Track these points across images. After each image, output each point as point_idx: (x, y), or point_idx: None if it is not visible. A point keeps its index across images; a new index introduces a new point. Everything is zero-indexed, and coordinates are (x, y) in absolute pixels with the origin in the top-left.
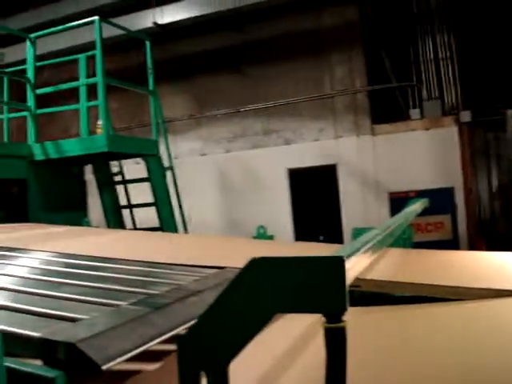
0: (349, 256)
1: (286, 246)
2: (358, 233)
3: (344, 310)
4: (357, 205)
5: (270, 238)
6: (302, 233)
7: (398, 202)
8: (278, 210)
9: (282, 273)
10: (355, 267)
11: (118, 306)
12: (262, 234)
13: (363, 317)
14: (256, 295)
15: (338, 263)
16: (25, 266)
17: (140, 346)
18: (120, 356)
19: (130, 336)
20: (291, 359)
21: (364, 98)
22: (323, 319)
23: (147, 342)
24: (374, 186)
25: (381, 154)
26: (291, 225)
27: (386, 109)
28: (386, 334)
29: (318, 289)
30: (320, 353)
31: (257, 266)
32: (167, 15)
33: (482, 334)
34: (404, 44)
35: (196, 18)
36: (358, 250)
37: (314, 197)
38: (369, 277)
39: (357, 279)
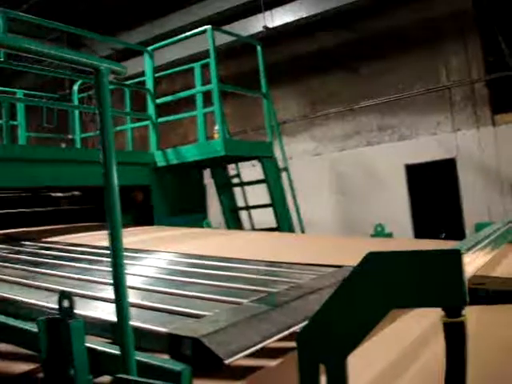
0: (467, 250)
1: (405, 243)
2: (480, 228)
3: (463, 303)
4: (479, 199)
5: (389, 235)
6: (422, 230)
7: None
8: (396, 208)
9: (397, 267)
10: (476, 262)
11: (239, 303)
12: (380, 232)
13: (487, 315)
14: (372, 290)
15: (455, 256)
16: (152, 266)
17: (261, 342)
18: (242, 351)
19: (250, 332)
20: (413, 355)
21: (483, 88)
22: (443, 314)
23: (267, 339)
24: (497, 179)
25: (503, 145)
26: (410, 222)
27: (508, 97)
28: (510, 333)
29: (436, 283)
30: (442, 350)
31: (372, 260)
32: (276, 18)
33: None
34: None
35: (304, 18)
36: (477, 244)
37: (434, 192)
38: (493, 274)
39: (481, 277)
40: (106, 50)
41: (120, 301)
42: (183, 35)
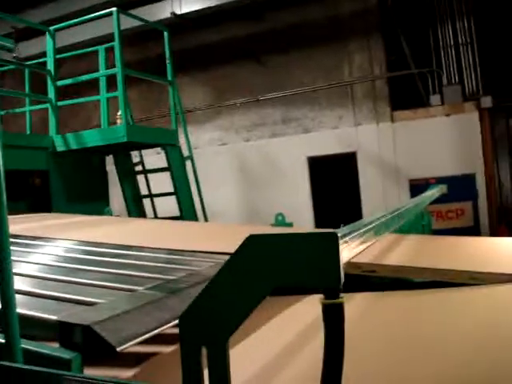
0: (348, 233)
1: (302, 231)
2: None
3: (339, 284)
4: (377, 192)
5: (289, 225)
6: (323, 221)
7: (418, 189)
8: (298, 199)
9: (277, 249)
10: (358, 247)
11: (134, 290)
12: (281, 221)
13: (378, 301)
14: (252, 271)
15: (331, 238)
16: (47, 253)
17: (154, 329)
18: (134, 338)
19: (144, 319)
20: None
21: (383, 85)
22: (321, 296)
23: (162, 325)
24: (394, 174)
25: (401, 141)
26: (311, 213)
27: (406, 95)
28: (398, 319)
29: (313, 264)
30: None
31: (253, 242)
32: (185, 5)
33: (497, 318)
34: (423, 30)
35: (214, 7)
36: (357, 229)
37: (334, 185)
38: (385, 262)
39: (372, 264)
40: (6, 28)
41: (4, 286)
42: (88, 16)
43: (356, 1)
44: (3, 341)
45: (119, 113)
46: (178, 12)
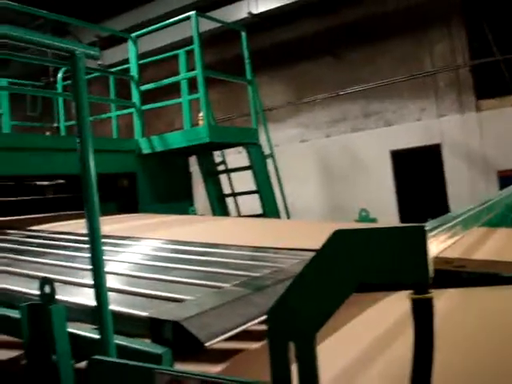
0: (436, 227)
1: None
2: None
3: (428, 279)
4: (463, 185)
5: (373, 221)
6: (408, 216)
7: (507, 180)
8: (382, 194)
9: (364, 243)
10: (445, 241)
11: (221, 287)
12: (365, 217)
13: (469, 297)
14: (339, 266)
15: (419, 232)
16: (136, 252)
17: (241, 325)
18: (222, 334)
19: (231, 315)
20: (390, 340)
21: (467, 74)
22: (411, 291)
23: (248, 322)
24: (482, 165)
25: (488, 131)
26: (396, 208)
27: (492, 83)
28: (488, 315)
29: (401, 259)
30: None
31: (339, 237)
32: (261, 4)
33: None
34: (507, 14)
35: (289, 5)
36: (447, 222)
37: (419, 178)
38: (474, 257)
39: (461, 259)
40: (90, 37)
41: (99, 285)
42: (168, 21)
43: None
44: (98, 337)
45: (201, 114)
46: (255, 11)
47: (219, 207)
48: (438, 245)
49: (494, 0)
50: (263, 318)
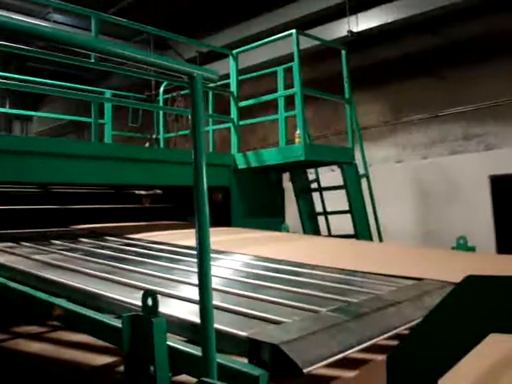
0: None
1: (490, 259)
2: None
3: None
4: None
5: (472, 249)
6: (507, 245)
7: None
8: (479, 220)
9: (498, 291)
10: None
11: (317, 311)
12: (463, 245)
13: None
14: (470, 313)
15: None
16: (229, 267)
17: (339, 353)
18: (320, 361)
19: (330, 342)
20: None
21: None
22: None
23: (347, 350)
24: None
25: None
26: (493, 236)
27: None
28: None
29: None
30: None
31: (473, 283)
32: (362, 23)
33: None
34: None
35: (389, 23)
36: None
37: None
38: None
39: None
40: (191, 52)
41: (204, 302)
42: (268, 39)
43: None
44: (198, 353)
45: (298, 131)
46: (355, 30)
47: (310, 225)
48: None
49: None
50: (361, 346)
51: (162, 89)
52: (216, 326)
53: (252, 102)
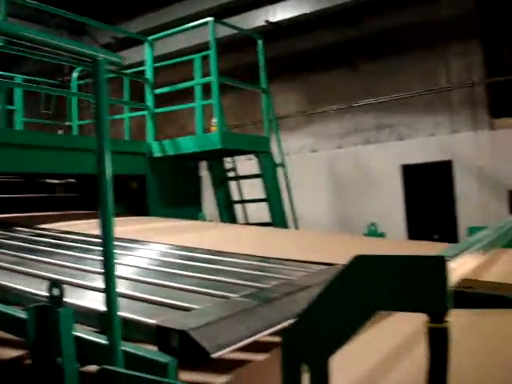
0: (455, 256)
1: (396, 244)
2: (473, 232)
3: (445, 310)
4: (473, 203)
5: (382, 235)
6: (416, 231)
7: None
8: (391, 207)
9: (384, 270)
10: (464, 267)
11: (229, 297)
12: (373, 232)
13: (475, 319)
14: (358, 292)
15: (440, 263)
16: (143, 256)
17: (248, 337)
18: (229, 345)
19: (239, 327)
20: (396, 359)
21: (482, 91)
22: (427, 319)
23: (255, 334)
24: (493, 183)
25: (500, 150)
26: (404, 222)
27: (507, 102)
28: (496, 337)
29: (419, 288)
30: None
31: (360, 263)
32: (279, 13)
33: None
34: None
35: (308, 14)
36: (465, 249)
37: (429, 194)
38: (483, 278)
39: (469, 280)
40: (106, 38)
41: (109, 291)
42: (184, 26)
43: (454, 5)
44: (105, 342)
45: (214, 120)
46: (273, 20)
47: (227, 214)
48: (458, 272)
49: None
50: (270, 330)
51: (75, 74)
52: (126, 314)
53: (168, 89)
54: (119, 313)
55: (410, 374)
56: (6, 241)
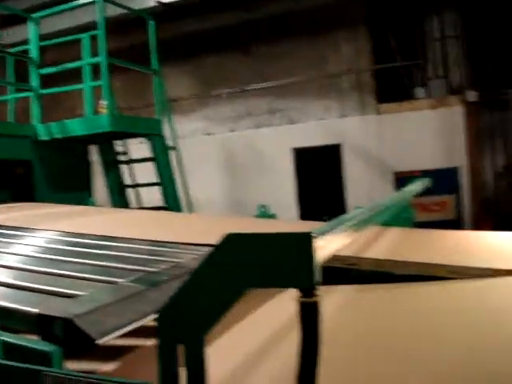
0: (324, 233)
1: (285, 224)
2: None
3: (314, 285)
4: (361, 184)
5: (273, 216)
6: (307, 212)
7: (402, 181)
8: (283, 190)
9: (254, 249)
10: (337, 244)
11: (115, 283)
12: (264, 213)
13: (357, 295)
14: (229, 270)
15: (306, 239)
16: (29, 244)
17: (135, 322)
18: (115, 331)
19: (125, 312)
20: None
21: (369, 77)
22: (298, 294)
23: (142, 318)
24: (379, 166)
25: (386, 134)
26: (296, 204)
27: (392, 88)
28: (375, 313)
29: (289, 264)
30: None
31: (231, 241)
32: None
33: (472, 312)
34: (410, 22)
35: None
36: (336, 227)
37: (319, 176)
38: (366, 255)
39: (353, 257)
40: None
41: None
42: (72, 4)
43: None
44: None
45: (103, 102)
46: (164, 0)
47: (119, 199)
48: (329, 247)
49: (396, 9)
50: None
51: None
52: (6, 304)
53: (54, 69)
54: None
55: (291, 355)
56: None
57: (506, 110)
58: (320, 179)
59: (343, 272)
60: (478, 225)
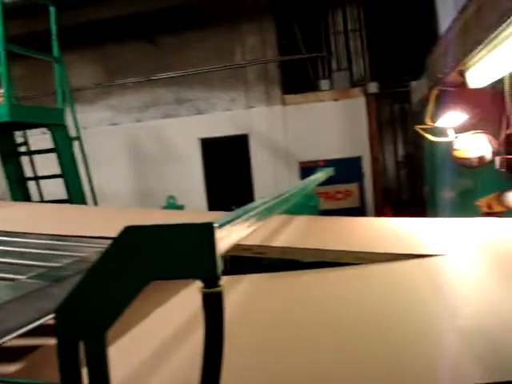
0: (226, 223)
1: (192, 214)
2: None
3: (216, 274)
4: (268, 174)
5: (180, 207)
6: (216, 203)
7: (308, 171)
8: (192, 181)
9: (154, 240)
10: (239, 234)
11: (15, 280)
12: (172, 204)
13: (264, 283)
14: (128, 263)
15: (207, 229)
16: None
17: (36, 321)
18: (16, 330)
19: (26, 310)
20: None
21: (275, 69)
22: (201, 285)
23: (45, 316)
24: (285, 156)
25: (291, 125)
26: (204, 195)
27: (297, 79)
28: (278, 299)
29: (190, 255)
30: None
31: (129, 233)
32: None
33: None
34: (315, 15)
35: None
36: (239, 216)
37: (227, 167)
38: (273, 244)
39: (261, 246)
40: None
41: None
42: None
43: None
44: None
45: (1, 90)
46: None
47: (19, 191)
48: (233, 236)
49: (302, 1)
50: None
51: None
52: None
53: None
54: None
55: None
56: None
57: (406, 101)
58: (228, 169)
59: (252, 261)
60: (380, 212)
